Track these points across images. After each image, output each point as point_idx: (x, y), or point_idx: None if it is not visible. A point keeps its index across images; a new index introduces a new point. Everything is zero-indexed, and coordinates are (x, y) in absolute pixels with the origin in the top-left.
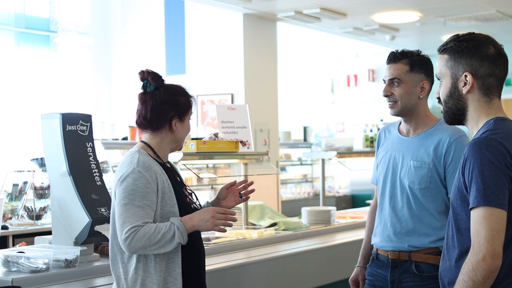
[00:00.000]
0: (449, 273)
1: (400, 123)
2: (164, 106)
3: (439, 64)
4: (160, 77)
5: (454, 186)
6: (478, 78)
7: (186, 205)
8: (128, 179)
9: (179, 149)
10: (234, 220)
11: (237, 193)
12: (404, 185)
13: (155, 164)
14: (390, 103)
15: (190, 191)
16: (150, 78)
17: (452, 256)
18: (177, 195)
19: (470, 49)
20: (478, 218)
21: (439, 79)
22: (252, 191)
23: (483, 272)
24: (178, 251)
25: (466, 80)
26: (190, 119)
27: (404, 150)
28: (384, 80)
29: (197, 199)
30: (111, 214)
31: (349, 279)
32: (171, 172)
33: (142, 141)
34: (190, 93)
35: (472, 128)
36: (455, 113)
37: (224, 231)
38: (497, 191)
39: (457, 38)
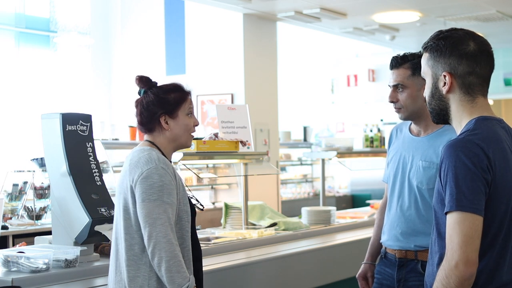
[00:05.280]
0: (431, 277)
1: (411, 123)
2: (150, 107)
3: (422, 62)
4: (148, 79)
5: (435, 189)
6: (458, 77)
7: (192, 205)
8: (153, 176)
9: (186, 147)
10: None
11: None
12: (412, 185)
13: (168, 162)
14: (396, 109)
15: (191, 194)
16: (138, 82)
17: (434, 260)
18: None
19: (447, 47)
20: (451, 223)
21: (424, 79)
22: None
23: (456, 280)
24: (189, 250)
25: (446, 80)
26: (190, 114)
27: (414, 150)
28: (389, 86)
29: (197, 201)
30: (122, 209)
31: (357, 275)
32: None
33: (147, 140)
34: (187, 88)
35: (457, 128)
36: (439, 113)
37: None
38: (470, 195)
39: (437, 36)
